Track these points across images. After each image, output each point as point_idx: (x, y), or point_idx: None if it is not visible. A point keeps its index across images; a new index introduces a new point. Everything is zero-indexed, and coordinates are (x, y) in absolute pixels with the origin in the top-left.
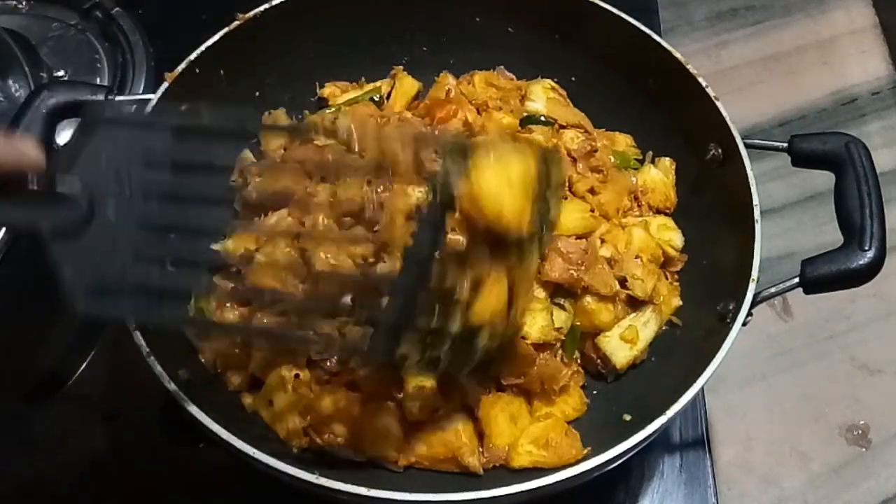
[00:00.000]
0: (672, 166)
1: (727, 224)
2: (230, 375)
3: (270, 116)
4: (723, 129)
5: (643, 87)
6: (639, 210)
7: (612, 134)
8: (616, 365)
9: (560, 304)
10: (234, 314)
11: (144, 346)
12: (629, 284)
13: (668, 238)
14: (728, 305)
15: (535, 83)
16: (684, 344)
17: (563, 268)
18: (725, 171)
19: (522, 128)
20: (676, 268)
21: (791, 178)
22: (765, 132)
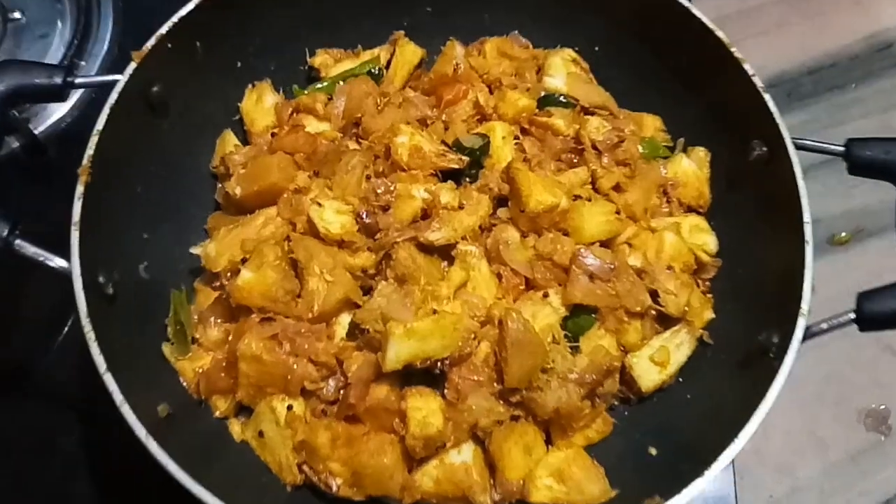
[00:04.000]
0: (707, 158)
1: (770, 232)
2: (215, 400)
3: (254, 89)
4: (770, 125)
5: (675, 64)
6: (668, 206)
7: (640, 115)
8: (642, 389)
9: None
10: (218, 331)
11: (118, 392)
12: (661, 300)
13: (702, 242)
14: (771, 337)
15: (555, 53)
16: (716, 367)
17: (587, 287)
18: (770, 172)
19: (540, 110)
20: (709, 275)
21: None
22: (792, 81)
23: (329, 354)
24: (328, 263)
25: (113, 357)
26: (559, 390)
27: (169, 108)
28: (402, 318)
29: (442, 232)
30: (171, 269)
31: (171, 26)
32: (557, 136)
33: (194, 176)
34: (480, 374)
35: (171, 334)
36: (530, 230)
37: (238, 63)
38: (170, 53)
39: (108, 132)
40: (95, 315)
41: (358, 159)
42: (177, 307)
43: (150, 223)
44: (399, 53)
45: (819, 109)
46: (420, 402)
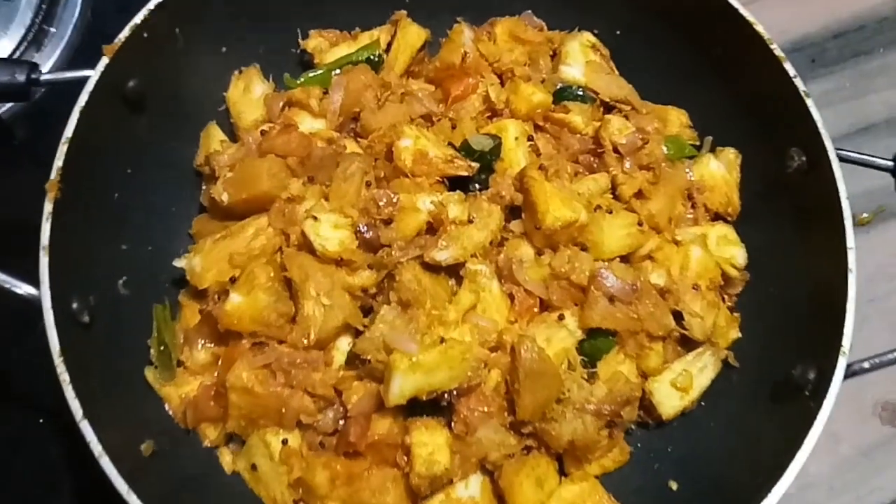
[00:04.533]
0: (737, 160)
1: (806, 251)
2: (204, 428)
3: (241, 77)
4: (811, 133)
5: (705, 51)
6: (693, 212)
7: (664, 109)
8: (663, 416)
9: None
10: (205, 354)
11: (97, 443)
12: (686, 323)
13: (730, 255)
14: (807, 373)
15: (572, 38)
16: (743, 394)
17: (606, 310)
18: (808, 185)
19: (556, 104)
20: (736, 290)
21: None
22: (816, 45)
23: (327, 386)
24: (325, 284)
25: (90, 396)
26: (575, 421)
27: (147, 103)
28: (406, 348)
29: (450, 251)
30: (152, 281)
31: (146, 14)
32: (575, 134)
33: (177, 175)
34: (490, 405)
35: (154, 357)
36: (546, 246)
37: (223, 48)
38: (146, 44)
39: (80, 137)
40: (70, 351)
41: (357, 165)
42: (160, 325)
43: (129, 232)
44: (400, 35)
45: (844, 77)
46: (426, 437)
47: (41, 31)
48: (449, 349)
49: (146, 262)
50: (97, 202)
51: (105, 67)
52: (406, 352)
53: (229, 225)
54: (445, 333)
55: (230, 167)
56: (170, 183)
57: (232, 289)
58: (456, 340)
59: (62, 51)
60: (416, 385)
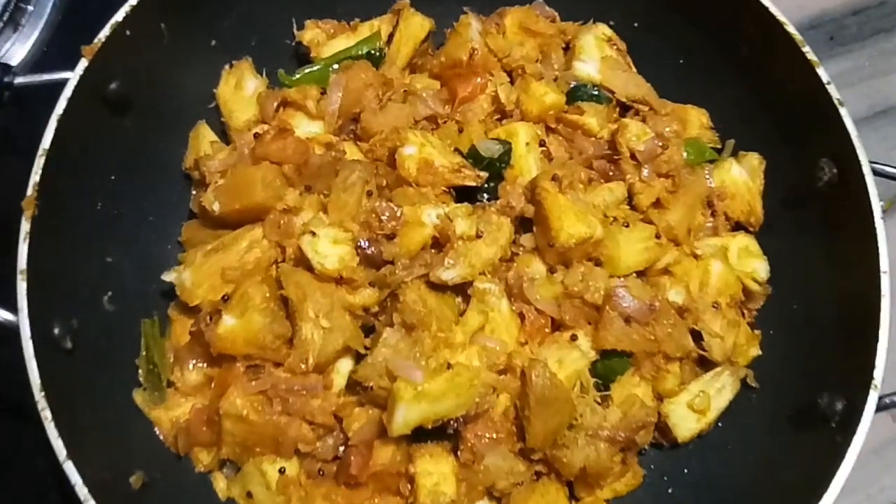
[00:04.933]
0: (761, 167)
1: (833, 270)
2: (197, 453)
3: (232, 71)
4: (844, 144)
5: (731, 51)
6: (713, 221)
7: (683, 108)
8: (678, 439)
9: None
10: (197, 375)
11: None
12: (705, 344)
13: (752, 269)
14: (834, 403)
15: (587, 30)
16: (761, 416)
17: (621, 331)
18: (838, 200)
19: (570, 104)
20: (757, 305)
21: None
22: (835, 22)
23: (327, 413)
24: (324, 305)
25: (75, 430)
26: (587, 448)
27: (131, 104)
28: (411, 376)
29: (457, 269)
30: (140, 294)
31: (128, 10)
32: (589, 136)
33: (165, 179)
34: (499, 431)
35: (143, 377)
36: (558, 263)
37: (212, 41)
38: (129, 42)
39: (58, 147)
40: (52, 383)
41: (358, 175)
42: (148, 342)
43: (115, 243)
44: (403, 26)
45: (863, 56)
46: (430, 466)
47: (18, 10)
48: (456, 376)
49: (133, 273)
50: (79, 214)
51: (84, 70)
52: (411, 381)
53: (221, 234)
54: (452, 357)
55: (221, 173)
56: (157, 187)
57: (225, 310)
58: (463, 366)
59: (41, 31)
60: (422, 414)
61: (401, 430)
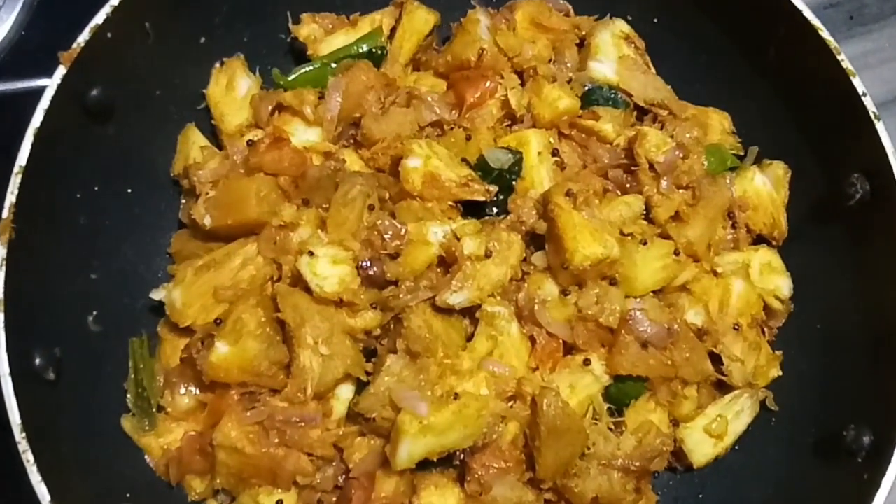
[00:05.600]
0: (786, 177)
1: (861, 292)
2: (190, 480)
3: (223, 70)
4: (879, 159)
5: (757, 53)
6: (734, 233)
7: (704, 112)
8: (694, 464)
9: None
10: (189, 399)
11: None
12: (725, 368)
13: (774, 286)
14: (862, 437)
15: (603, 27)
16: (780, 441)
17: (637, 357)
18: (870, 218)
19: (584, 108)
20: (779, 322)
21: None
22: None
23: (326, 445)
24: (323, 329)
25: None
26: (599, 478)
27: (114, 110)
28: (416, 409)
29: (464, 293)
30: (127, 311)
31: (109, 13)
32: (604, 143)
33: (151, 187)
34: (507, 460)
35: (131, 402)
36: (572, 284)
37: (201, 38)
38: (110, 45)
39: (36, 163)
40: (35, 419)
41: (359, 189)
42: (137, 363)
43: (99, 258)
44: (406, 20)
45: (883, 37)
46: (436, 498)
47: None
48: (463, 408)
49: (120, 289)
50: (59, 231)
51: (62, 78)
52: (416, 414)
53: (212, 246)
54: (459, 385)
55: (213, 184)
56: (143, 197)
57: (218, 335)
58: (471, 395)
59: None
60: (427, 448)
61: (405, 465)
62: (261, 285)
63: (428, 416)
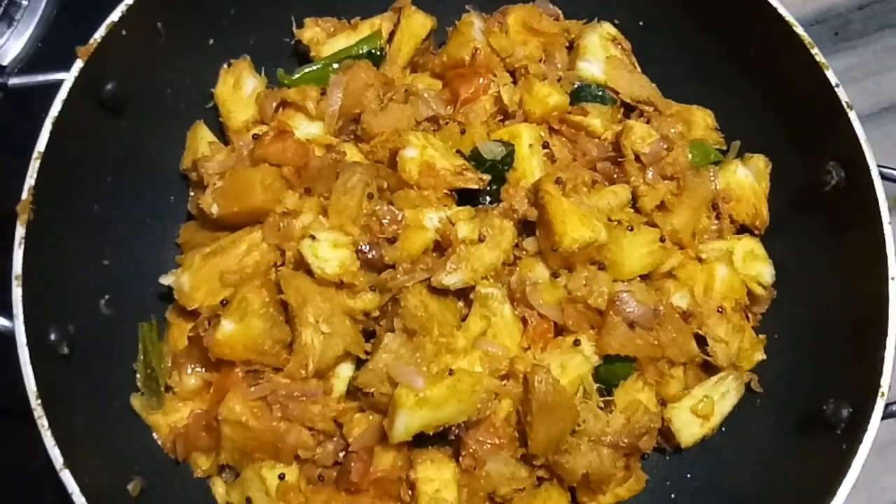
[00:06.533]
0: (767, 169)
1: (840, 274)
2: (196, 458)
3: (230, 71)
4: (852, 148)
5: (738, 52)
6: (718, 224)
7: (688, 109)
8: (681, 444)
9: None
10: (196, 379)
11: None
12: (710, 349)
13: (757, 272)
14: (841, 410)
15: (592, 30)
16: (765, 421)
17: (625, 337)
18: (845, 204)
19: (573, 105)
20: (762, 308)
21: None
22: (840, 17)
23: (327, 419)
24: (324, 310)
25: (72, 437)
26: (590, 454)
27: (127, 105)
28: (412, 383)
29: (459, 274)
30: (137, 297)
31: (124, 10)
32: (593, 138)
33: (162, 180)
34: (501, 436)
35: (140, 382)
36: (562, 267)
37: (210, 40)
38: (125, 42)
39: (53, 150)
40: (49, 389)
41: (358, 177)
42: (146, 345)
43: (112, 245)
44: (404, 24)
45: (868, 52)
46: (432, 472)
47: (12, 4)
48: (458, 382)
49: (130, 276)
50: (75, 217)
51: (79, 71)
52: (412, 387)
53: (219, 236)
54: (454, 363)
55: (220, 175)
56: (154, 189)
57: (223, 315)
58: (465, 372)
59: (35, 27)
60: (423, 421)
61: (402, 437)
62: (265, 270)
63: (424, 390)
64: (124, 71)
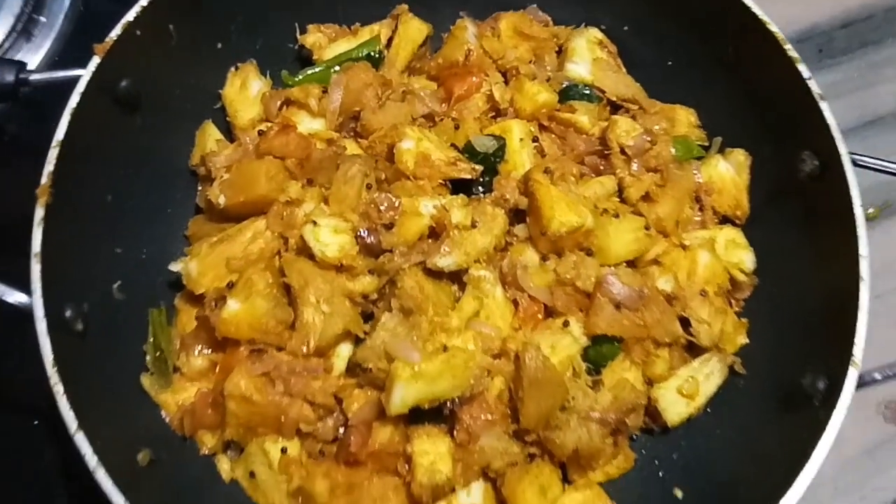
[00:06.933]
0: (747, 162)
1: (816, 257)
2: (202, 435)
3: (237, 73)
4: (824, 137)
5: (717, 52)
6: (700, 215)
7: (672, 108)
8: (668, 423)
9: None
10: (203, 360)
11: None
12: (693, 330)
13: (738, 259)
14: (817, 382)
15: (579, 34)
16: (750, 401)
17: (612, 317)
18: (820, 191)
19: (562, 103)
20: (744, 294)
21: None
22: (824, 35)
23: (327, 394)
24: (325, 290)
25: (85, 406)
26: (579, 429)
27: (140, 102)
28: (408, 357)
29: (452, 257)
30: (148, 284)
31: (139, 11)
32: (581, 134)
33: (172, 175)
34: (493, 412)
35: (150, 363)
36: (551, 251)
37: (218, 44)
38: (139, 42)
39: (71, 140)
40: (63, 360)
41: (357, 168)
42: (156, 329)
43: (124, 235)
44: (402, 30)
45: (851, 68)
46: (427, 445)
47: (31, 21)
48: (452, 358)
49: (141, 265)
50: (90, 205)
51: (96, 67)
52: (408, 361)
53: (226, 227)
54: (448, 341)
55: (227, 168)
56: (165, 184)
57: (229, 295)
58: (459, 349)
59: (53, 42)
60: (419, 394)
61: (398, 410)
62: (269, 257)
63: (420, 363)
64: (138, 69)
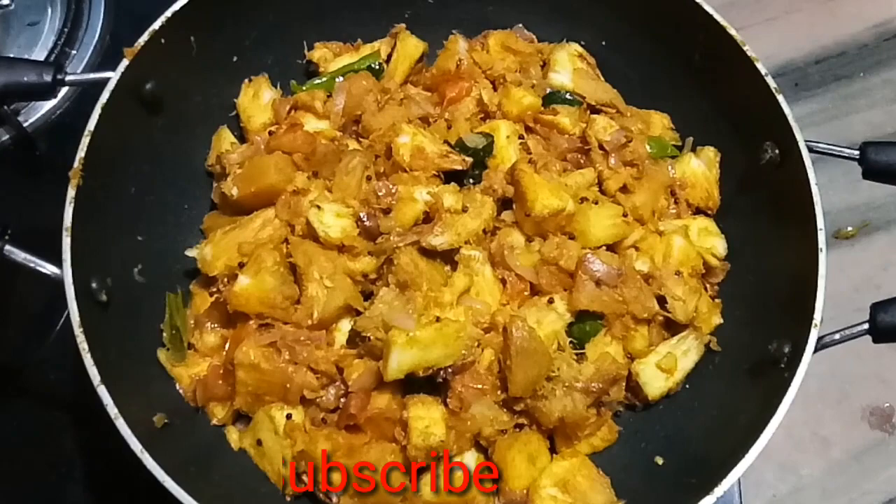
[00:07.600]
0: (716, 158)
1: (781, 237)
2: (213, 407)
3: (251, 84)
4: (782, 127)
5: (686, 60)
6: (675, 208)
7: (647, 113)
8: (649, 396)
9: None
10: (215, 337)
11: (112, 406)
12: (669, 306)
13: (710, 245)
14: (783, 347)
15: (560, 48)
16: (724, 374)
17: (593, 293)
18: (782, 176)
19: (546, 108)
20: (718, 279)
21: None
22: (799, 70)
23: (329, 363)
24: (328, 268)
25: (107, 367)
26: (564, 399)
27: (163, 105)
28: (404, 325)
29: (445, 236)
30: (166, 271)
31: (164, 21)
32: (563, 134)
33: (189, 174)
34: (484, 382)
35: (166, 339)
36: (536, 234)
37: (234, 57)
38: (163, 49)
39: (100, 132)
40: (89, 324)
41: (358, 160)
42: (172, 311)
43: (145, 224)
44: (400, 47)
45: (826, 100)
46: (422, 412)
47: (63, 54)
48: (444, 327)
49: (160, 253)
50: (115, 194)
51: (125, 69)
52: (404, 328)
53: (239, 219)
54: (441, 313)
55: (239, 164)
56: (183, 182)
57: (241, 272)
58: (451, 320)
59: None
60: (414, 360)
61: (395, 375)
62: (277, 242)
63: (414, 331)
64: (162, 74)
